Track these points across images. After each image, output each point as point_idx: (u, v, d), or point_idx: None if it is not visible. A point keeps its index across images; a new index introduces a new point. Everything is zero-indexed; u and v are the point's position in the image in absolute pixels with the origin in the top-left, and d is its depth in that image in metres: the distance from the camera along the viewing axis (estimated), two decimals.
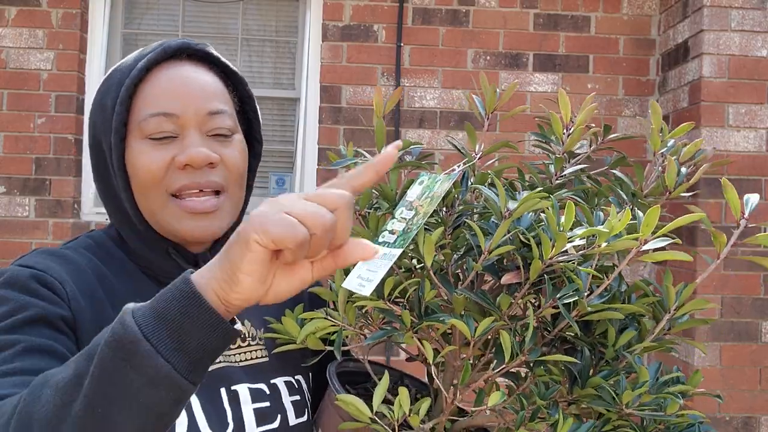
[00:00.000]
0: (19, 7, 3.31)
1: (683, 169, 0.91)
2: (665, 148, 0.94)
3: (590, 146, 0.98)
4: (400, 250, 0.79)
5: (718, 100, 3.02)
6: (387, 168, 0.67)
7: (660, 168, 0.92)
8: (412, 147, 0.93)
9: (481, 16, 3.43)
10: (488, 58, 3.43)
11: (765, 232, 0.80)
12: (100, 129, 0.90)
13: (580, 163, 0.95)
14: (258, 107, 1.00)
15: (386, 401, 0.82)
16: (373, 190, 0.93)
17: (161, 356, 0.59)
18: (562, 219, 0.74)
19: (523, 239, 0.78)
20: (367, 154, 0.94)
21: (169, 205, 0.88)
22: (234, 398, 0.89)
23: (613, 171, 0.95)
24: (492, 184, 0.86)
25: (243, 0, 3.54)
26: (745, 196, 0.78)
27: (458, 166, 0.89)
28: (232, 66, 0.96)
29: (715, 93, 3.02)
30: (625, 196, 0.91)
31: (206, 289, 0.63)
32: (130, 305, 0.64)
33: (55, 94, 3.31)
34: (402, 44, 3.40)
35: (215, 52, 0.95)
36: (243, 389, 0.91)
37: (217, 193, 0.89)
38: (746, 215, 0.76)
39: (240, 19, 3.55)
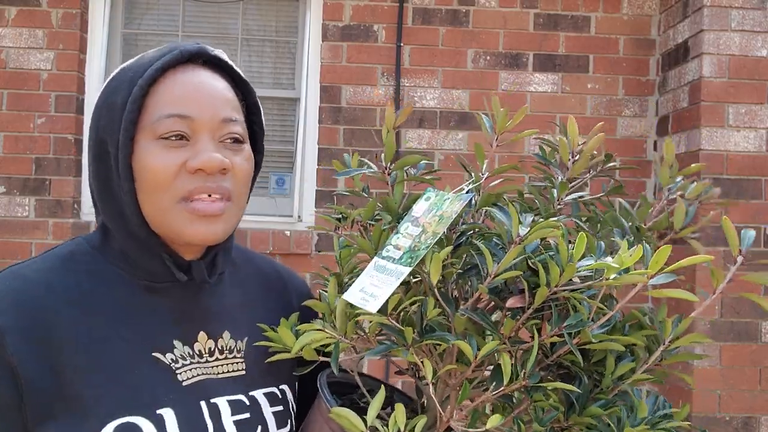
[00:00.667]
0: (19, 7, 3.31)
1: (691, 209, 0.93)
2: (672, 184, 0.96)
3: (589, 172, 0.99)
4: (408, 269, 0.79)
5: (718, 100, 3.02)
6: None
7: (665, 201, 0.95)
8: (421, 161, 0.94)
9: (481, 16, 3.43)
10: (488, 58, 3.43)
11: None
12: (106, 128, 0.88)
13: (578, 187, 0.96)
14: (264, 119, 1.00)
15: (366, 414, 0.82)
16: (378, 203, 0.93)
17: None
18: (572, 248, 0.75)
19: (531, 264, 0.78)
20: (371, 164, 0.94)
21: (176, 208, 0.86)
22: (215, 411, 0.88)
23: (619, 200, 0.97)
24: (499, 206, 0.86)
25: (243, 0, 3.54)
26: (742, 232, 0.79)
27: (465, 186, 0.89)
28: (243, 75, 0.96)
29: (715, 93, 3.02)
30: (627, 227, 0.93)
31: None
32: None
33: (55, 94, 3.31)
34: (402, 44, 3.40)
35: (229, 60, 0.95)
36: (222, 402, 0.90)
37: (223, 198, 0.89)
38: (743, 251, 0.77)
39: (240, 19, 3.55)
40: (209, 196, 0.87)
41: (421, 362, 0.80)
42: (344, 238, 0.96)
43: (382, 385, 0.87)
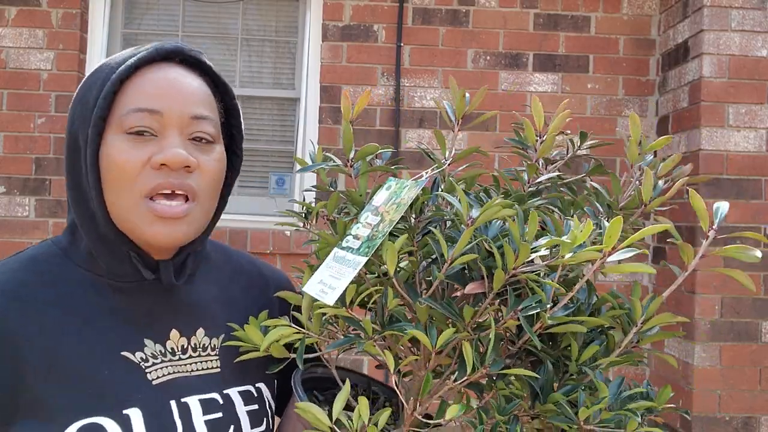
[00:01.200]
0: (19, 7, 3.31)
1: (660, 183, 0.90)
2: (642, 161, 0.93)
3: (567, 153, 0.97)
4: (365, 258, 0.79)
5: (718, 100, 3.02)
6: None
7: (638, 181, 0.92)
8: (381, 150, 0.92)
9: (481, 16, 3.43)
10: (488, 58, 3.43)
11: (737, 242, 0.79)
12: (79, 123, 0.88)
13: (557, 170, 0.94)
14: (242, 122, 0.99)
15: (351, 408, 0.81)
16: (341, 194, 0.92)
17: None
18: (527, 229, 0.73)
19: (487, 248, 0.77)
20: (336, 159, 0.93)
21: (139, 206, 0.85)
22: (185, 411, 0.88)
23: (590, 181, 0.95)
24: (464, 191, 0.85)
25: (243, 0, 3.54)
26: (715, 205, 0.77)
27: (426, 173, 0.88)
28: (222, 77, 0.96)
29: (715, 93, 3.02)
30: (600, 207, 0.90)
31: None
32: None
33: (55, 94, 3.31)
34: (402, 44, 3.40)
35: (208, 61, 0.94)
36: (194, 401, 0.89)
37: (187, 199, 0.87)
38: (715, 226, 0.75)
39: (240, 19, 3.55)
40: (171, 193, 0.86)
41: (383, 353, 0.80)
42: (311, 232, 0.96)
43: (348, 379, 0.87)
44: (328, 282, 0.81)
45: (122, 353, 0.87)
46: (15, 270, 0.87)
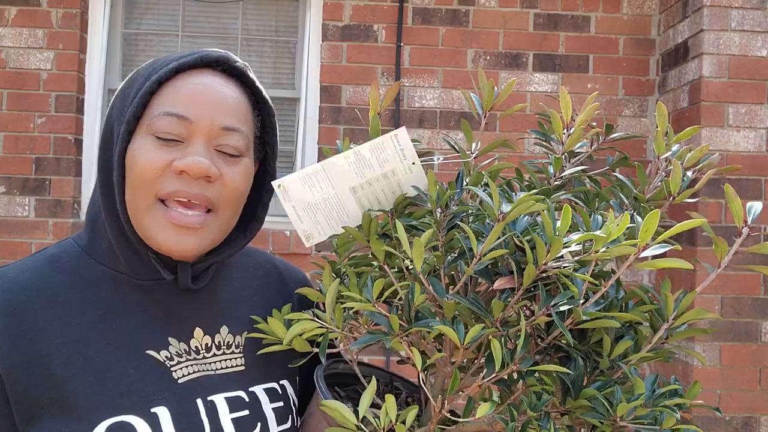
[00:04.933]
0: (19, 7, 3.31)
1: (688, 175, 0.88)
2: (669, 152, 0.90)
3: (591, 146, 0.95)
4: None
5: (718, 100, 3.02)
6: None
7: (664, 172, 0.89)
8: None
9: (481, 16, 3.43)
10: (488, 58, 3.43)
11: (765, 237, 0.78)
12: (116, 117, 0.88)
13: (580, 163, 0.92)
14: (278, 140, 0.97)
15: (375, 405, 0.80)
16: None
17: None
18: (559, 223, 0.72)
19: (517, 243, 0.75)
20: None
21: (153, 209, 0.85)
22: (212, 409, 0.87)
23: (615, 173, 0.93)
24: (487, 185, 0.83)
25: (243, 0, 3.54)
26: (748, 204, 0.75)
27: (437, 158, 0.88)
28: (264, 92, 0.94)
29: (715, 93, 3.02)
30: (626, 200, 0.88)
31: None
32: None
33: (55, 94, 3.31)
34: (402, 44, 3.40)
35: (252, 74, 0.93)
36: (220, 399, 0.88)
37: (206, 210, 0.86)
38: (749, 223, 0.74)
39: (240, 19, 3.55)
40: (189, 202, 0.84)
41: (410, 351, 0.79)
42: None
43: (374, 376, 0.86)
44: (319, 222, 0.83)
45: (147, 351, 0.87)
46: (37, 269, 0.87)
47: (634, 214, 0.78)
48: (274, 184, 0.87)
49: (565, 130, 0.91)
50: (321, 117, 3.41)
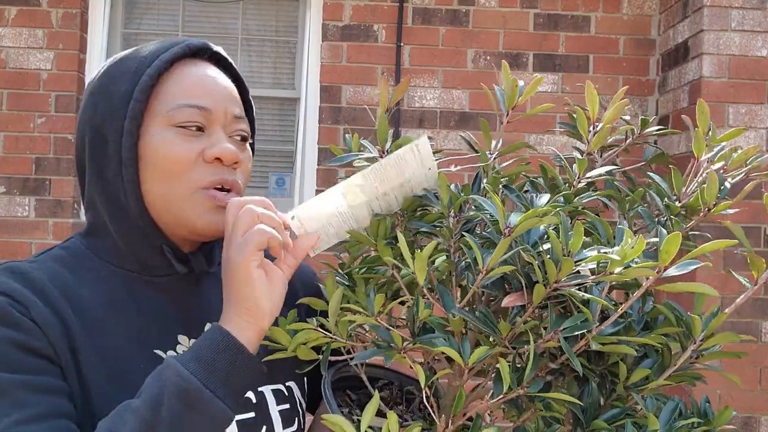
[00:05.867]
0: (19, 7, 3.31)
1: (727, 183, 0.79)
2: (711, 153, 0.81)
3: (626, 139, 0.88)
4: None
5: (719, 100, 3.02)
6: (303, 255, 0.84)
7: (702, 175, 0.81)
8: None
9: (481, 16, 3.43)
10: (488, 58, 3.43)
11: None
12: (104, 115, 0.87)
13: (613, 160, 0.85)
14: (255, 117, 1.01)
15: (383, 414, 0.77)
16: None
17: (220, 400, 0.75)
18: (571, 239, 0.67)
19: (527, 257, 0.70)
20: (371, 147, 0.91)
21: (194, 197, 0.87)
22: None
23: (652, 175, 0.85)
24: (506, 186, 0.78)
25: (243, 0, 3.54)
26: None
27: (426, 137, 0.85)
28: (239, 71, 0.98)
29: (716, 93, 3.02)
30: (660, 204, 0.81)
31: (244, 336, 0.78)
32: (172, 358, 0.76)
33: (55, 94, 3.31)
34: (402, 44, 3.40)
35: (229, 57, 0.97)
36: None
37: (235, 193, 0.90)
38: None
39: (240, 19, 3.55)
40: (224, 187, 0.88)
41: (414, 366, 0.76)
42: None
43: (376, 391, 0.84)
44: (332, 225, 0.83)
45: (155, 351, 0.87)
46: (50, 267, 0.87)
47: (661, 228, 0.72)
48: (289, 218, 0.85)
49: (590, 128, 0.85)
50: (321, 117, 3.40)
